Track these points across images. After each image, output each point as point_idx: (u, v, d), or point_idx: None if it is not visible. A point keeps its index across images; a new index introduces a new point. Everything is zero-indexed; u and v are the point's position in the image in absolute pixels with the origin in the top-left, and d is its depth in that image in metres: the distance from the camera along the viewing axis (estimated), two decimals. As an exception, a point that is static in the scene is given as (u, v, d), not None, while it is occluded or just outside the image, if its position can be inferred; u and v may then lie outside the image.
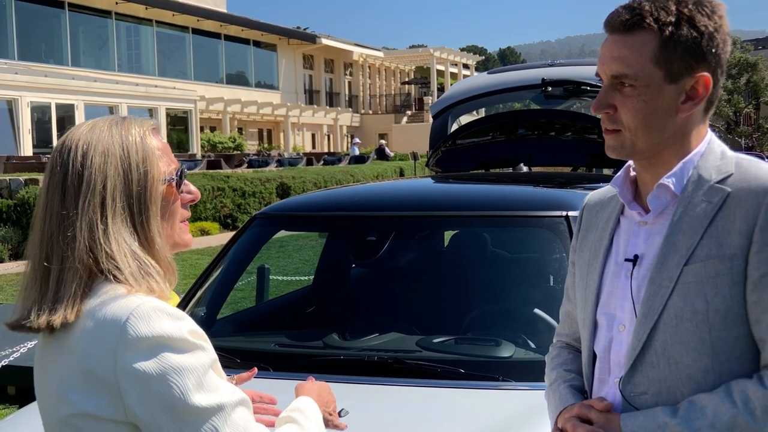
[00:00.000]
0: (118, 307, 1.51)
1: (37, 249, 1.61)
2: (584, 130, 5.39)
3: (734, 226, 1.67)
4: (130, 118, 1.71)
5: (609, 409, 1.80)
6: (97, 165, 1.59)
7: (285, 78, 47.01)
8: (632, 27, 1.73)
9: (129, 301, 1.52)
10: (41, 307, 1.55)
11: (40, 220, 1.61)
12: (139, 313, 1.49)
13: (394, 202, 4.14)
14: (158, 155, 1.67)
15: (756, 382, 1.64)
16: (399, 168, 29.87)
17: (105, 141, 1.62)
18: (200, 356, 1.52)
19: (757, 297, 1.65)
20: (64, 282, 1.55)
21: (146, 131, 1.68)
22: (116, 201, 1.59)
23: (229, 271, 4.06)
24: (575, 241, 2.08)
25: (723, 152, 1.80)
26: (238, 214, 20.60)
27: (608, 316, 1.87)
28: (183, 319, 1.55)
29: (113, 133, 1.64)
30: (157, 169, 1.65)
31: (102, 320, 1.51)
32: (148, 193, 1.63)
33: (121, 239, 1.58)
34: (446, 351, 3.18)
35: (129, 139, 1.64)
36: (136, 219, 1.61)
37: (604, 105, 1.78)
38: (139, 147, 1.64)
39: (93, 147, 1.61)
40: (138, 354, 1.47)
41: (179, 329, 1.51)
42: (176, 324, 1.52)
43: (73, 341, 1.53)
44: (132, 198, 1.61)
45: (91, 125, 1.67)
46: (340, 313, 4.02)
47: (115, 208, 1.59)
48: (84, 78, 29.96)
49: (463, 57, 60.08)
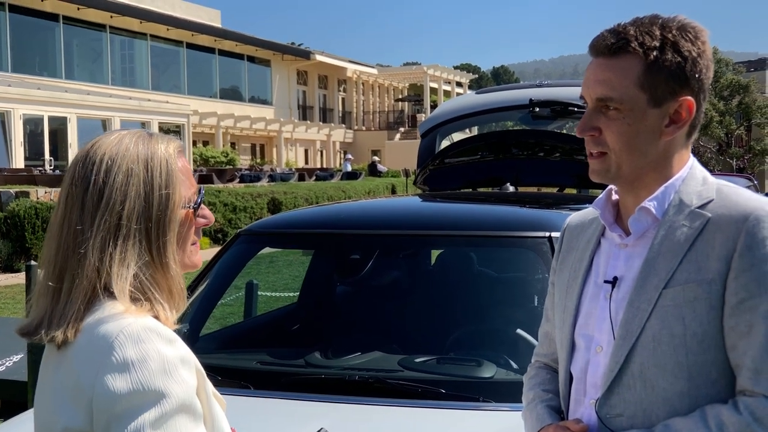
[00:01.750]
0: (111, 325, 1.49)
1: (52, 260, 1.58)
2: (572, 151, 5.41)
3: (713, 251, 1.68)
4: (158, 136, 1.67)
5: (584, 431, 1.81)
6: (119, 184, 1.56)
7: (279, 93, 47.05)
8: (617, 51, 1.75)
9: (122, 320, 1.49)
10: (50, 321, 1.54)
11: (57, 230, 1.59)
12: (128, 332, 1.47)
13: (378, 220, 4.15)
14: (181, 179, 1.64)
15: (731, 407, 1.65)
16: (391, 185, 29.90)
17: (130, 159, 1.59)
18: (175, 391, 1.47)
19: (734, 322, 1.66)
20: (72, 299, 1.54)
21: (172, 152, 1.65)
22: (132, 223, 1.56)
23: (213, 288, 4.05)
24: (555, 262, 2.10)
25: (704, 178, 1.81)
26: (228, 229, 20.55)
27: (586, 338, 1.88)
28: (174, 342, 1.51)
29: (139, 151, 1.60)
30: (179, 193, 1.63)
31: (95, 337, 1.49)
32: (168, 218, 1.60)
33: (130, 262, 1.55)
34: (428, 371, 3.17)
35: (154, 159, 1.61)
36: (153, 243, 1.58)
37: (589, 128, 1.79)
38: (163, 169, 1.61)
39: (117, 164, 1.58)
40: (116, 374, 1.44)
41: (165, 356, 1.47)
42: (165, 349, 1.48)
43: (69, 356, 1.52)
44: (151, 221, 1.58)
45: (118, 139, 1.63)
46: (323, 331, 4.01)
47: (130, 230, 1.56)
48: (77, 91, 29.93)
49: (456, 75, 60.24)
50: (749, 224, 1.66)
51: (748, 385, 1.65)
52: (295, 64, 48.17)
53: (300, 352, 3.46)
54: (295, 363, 3.39)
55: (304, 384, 3.14)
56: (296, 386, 3.10)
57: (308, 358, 3.35)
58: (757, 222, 1.66)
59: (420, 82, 57.38)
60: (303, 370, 3.28)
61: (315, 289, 4.76)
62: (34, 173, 22.22)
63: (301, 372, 3.27)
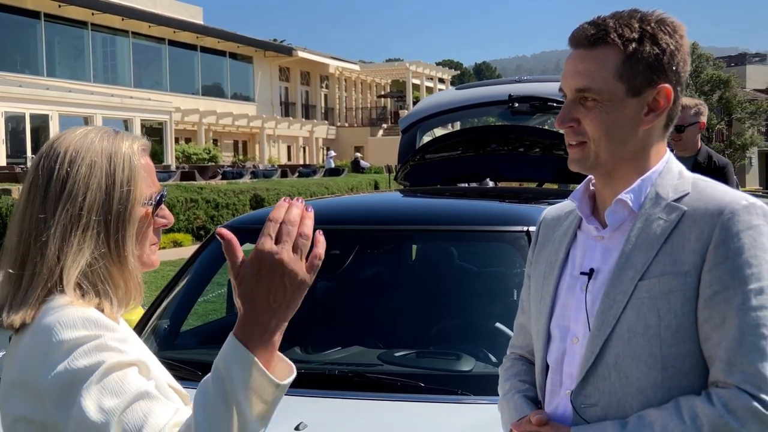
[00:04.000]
0: (52, 317, 1.51)
1: (14, 247, 1.60)
2: (551, 146, 5.43)
3: (689, 243, 1.71)
4: (123, 133, 1.69)
5: (543, 422, 1.84)
6: (82, 175, 1.59)
7: (261, 90, 46.91)
8: (596, 42, 1.78)
9: (61, 311, 1.51)
10: (11, 306, 1.56)
11: (20, 218, 1.61)
12: (65, 321, 1.49)
13: (358, 215, 4.15)
14: (143, 176, 1.66)
15: (704, 399, 1.67)
16: (374, 181, 29.87)
17: (94, 152, 1.61)
18: (112, 356, 1.48)
19: (708, 314, 1.68)
20: (33, 286, 1.56)
21: (136, 149, 1.67)
22: (92, 215, 1.58)
23: (193, 284, 4.05)
24: (531, 254, 2.11)
25: (680, 172, 1.84)
26: (211, 225, 20.52)
27: (562, 329, 1.90)
28: (116, 330, 1.53)
29: (104, 146, 1.63)
30: (140, 190, 1.64)
31: (37, 328, 1.51)
32: (128, 212, 1.62)
33: (86, 252, 1.57)
34: (407, 365, 3.18)
35: (118, 155, 1.63)
36: (111, 236, 1.60)
37: (568, 119, 1.81)
38: (126, 165, 1.63)
39: (81, 156, 1.60)
40: (56, 361, 1.46)
41: (102, 336, 1.49)
42: (102, 332, 1.50)
43: (18, 347, 1.55)
44: (110, 215, 1.60)
45: (84, 133, 1.65)
46: (303, 326, 4.01)
47: (90, 222, 1.58)
48: (59, 88, 29.78)
49: (438, 71, 60.20)
50: (724, 218, 1.69)
51: (721, 377, 1.66)
52: (278, 61, 48.02)
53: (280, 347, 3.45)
54: (275, 358, 3.39)
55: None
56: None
57: (288, 353, 3.33)
58: (732, 215, 1.69)
59: (402, 79, 57.33)
60: (283, 365, 3.28)
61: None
62: (15, 171, 22.11)
63: (281, 367, 3.27)
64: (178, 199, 20.09)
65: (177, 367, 3.23)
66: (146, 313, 3.77)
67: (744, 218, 1.69)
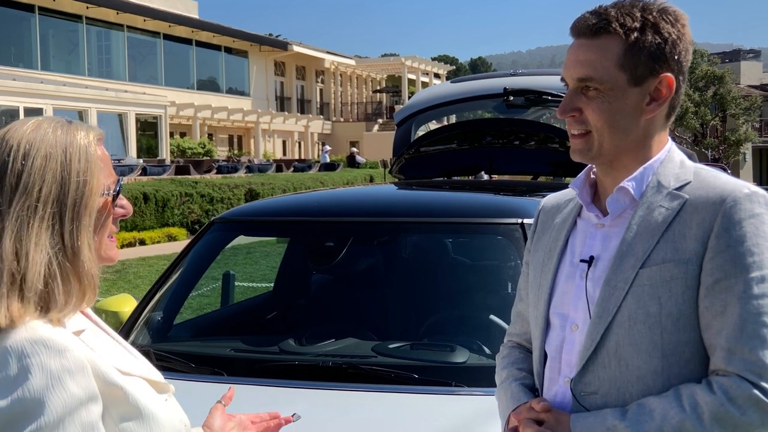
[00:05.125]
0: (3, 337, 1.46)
1: None
2: (546, 139, 5.43)
3: (690, 231, 1.71)
4: (77, 123, 1.65)
5: (547, 409, 1.82)
6: (37, 167, 1.55)
7: (256, 84, 46.85)
8: (598, 31, 1.77)
9: (13, 332, 1.46)
10: None
11: None
12: (13, 347, 1.45)
13: (352, 207, 4.15)
14: (100, 166, 1.62)
15: (705, 387, 1.67)
16: (369, 176, 29.88)
17: (48, 144, 1.57)
18: (54, 405, 1.44)
19: (709, 302, 1.68)
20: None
21: (92, 139, 1.63)
22: (47, 207, 1.54)
23: (186, 276, 4.03)
24: (530, 242, 2.11)
25: (682, 161, 1.84)
26: (205, 219, 20.49)
27: (561, 316, 1.89)
28: (64, 352, 1.48)
29: (58, 137, 1.59)
30: (97, 180, 1.61)
31: None
32: (83, 203, 1.58)
33: (45, 247, 1.52)
34: (401, 356, 3.18)
35: (73, 145, 1.59)
36: (65, 228, 1.55)
37: (570, 109, 1.81)
38: (82, 155, 1.59)
39: (36, 148, 1.55)
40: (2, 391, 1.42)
41: (50, 368, 1.44)
42: (51, 361, 1.45)
43: None
44: (65, 206, 1.56)
45: (36, 124, 1.60)
46: (297, 318, 4.01)
47: (45, 214, 1.53)
48: (53, 82, 29.70)
49: (434, 66, 60.19)
50: (726, 206, 1.69)
51: (721, 365, 1.66)
52: (273, 55, 47.97)
53: (274, 339, 3.45)
54: (269, 350, 3.39)
55: (278, 371, 3.14)
56: (270, 373, 3.10)
57: (282, 345, 3.35)
58: (735, 204, 1.69)
59: (398, 74, 57.31)
60: (277, 357, 3.28)
61: (290, 276, 4.75)
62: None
63: (274, 359, 3.27)
64: (173, 193, 20.08)
65: (170, 359, 3.23)
66: (139, 305, 3.76)
67: (746, 206, 1.69)
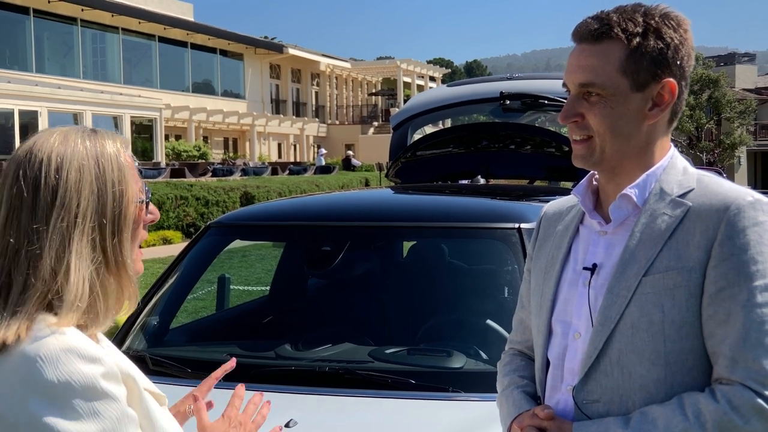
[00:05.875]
0: (31, 345, 1.42)
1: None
2: (542, 144, 5.43)
3: (694, 239, 1.70)
4: (102, 132, 1.61)
5: (551, 416, 1.81)
6: (73, 182, 1.50)
7: (251, 87, 46.84)
8: (600, 36, 1.77)
9: (42, 340, 1.43)
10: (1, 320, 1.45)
11: (1, 229, 1.51)
12: (47, 355, 1.41)
13: (348, 212, 4.14)
14: (132, 174, 1.59)
15: (708, 395, 1.66)
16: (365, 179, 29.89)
17: (80, 156, 1.52)
18: (106, 408, 1.43)
19: (713, 311, 1.67)
20: (25, 299, 1.46)
21: (120, 147, 1.59)
22: (87, 221, 1.49)
23: (183, 281, 4.02)
24: (532, 249, 2.10)
25: (685, 168, 1.83)
26: (201, 223, 20.48)
27: (564, 324, 1.88)
28: (98, 360, 1.45)
29: (87, 147, 1.54)
30: (132, 189, 1.57)
31: (15, 357, 1.43)
32: (122, 214, 1.54)
33: (87, 262, 1.49)
34: (398, 362, 3.17)
35: (104, 155, 1.55)
36: (108, 241, 1.52)
37: (572, 114, 1.80)
38: (115, 164, 1.55)
39: (68, 161, 1.51)
40: (40, 400, 1.39)
41: (89, 375, 1.42)
42: (87, 368, 1.42)
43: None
44: (105, 219, 1.52)
45: (63, 136, 1.55)
46: (294, 323, 4.00)
47: (85, 229, 1.49)
48: (48, 84, 29.65)
49: (429, 69, 60.22)
50: (730, 214, 1.68)
51: (725, 373, 1.65)
52: (268, 58, 47.94)
53: (270, 344, 3.45)
54: (265, 355, 3.38)
55: (274, 376, 3.12)
56: (266, 378, 3.08)
57: (278, 350, 3.34)
58: (738, 212, 1.68)
59: (393, 77, 57.36)
60: (273, 362, 3.27)
61: (286, 281, 4.75)
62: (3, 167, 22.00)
63: (271, 364, 3.26)
64: (168, 196, 20.06)
65: (166, 365, 3.21)
66: (135, 310, 3.75)
67: (750, 214, 1.68)
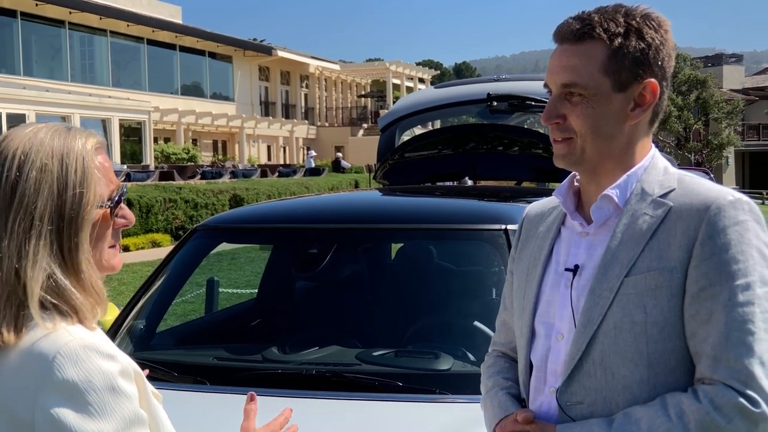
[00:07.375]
0: (46, 343, 1.41)
1: None
2: (529, 145, 5.43)
3: (675, 239, 1.70)
4: (76, 130, 1.58)
5: (529, 420, 1.82)
6: (33, 180, 1.48)
7: (240, 89, 46.77)
8: (582, 37, 1.77)
9: (57, 337, 1.41)
10: None
11: None
12: (66, 352, 1.39)
13: (336, 214, 4.13)
14: (97, 177, 1.55)
15: (691, 395, 1.66)
16: (354, 180, 29.87)
17: (44, 154, 1.50)
18: (121, 407, 1.42)
19: (695, 310, 1.67)
20: None
21: (90, 148, 1.56)
22: (44, 223, 1.47)
23: (169, 284, 4.00)
24: (514, 251, 2.10)
25: (666, 168, 1.83)
26: (190, 225, 20.43)
27: (546, 325, 1.88)
28: (114, 357, 1.44)
29: (54, 146, 1.51)
30: (94, 192, 1.53)
31: (27, 355, 1.41)
32: (80, 217, 1.51)
33: (43, 264, 1.46)
34: (385, 364, 3.17)
35: (70, 155, 1.52)
36: (65, 244, 1.49)
37: (554, 115, 1.80)
38: (79, 166, 1.52)
39: (30, 159, 1.49)
40: (59, 397, 1.37)
41: (108, 373, 1.41)
42: (106, 365, 1.41)
43: None
44: (63, 221, 1.49)
45: (34, 132, 1.53)
46: (281, 326, 3.99)
47: (42, 230, 1.47)
48: (36, 88, 29.58)
49: (418, 71, 60.27)
50: (711, 213, 1.68)
51: (707, 373, 1.65)
52: (257, 60, 47.89)
53: (257, 348, 3.44)
54: (251, 358, 3.37)
55: (261, 379, 3.11)
56: (253, 381, 3.07)
57: (265, 353, 3.33)
58: (719, 211, 1.68)
59: (383, 79, 57.37)
60: (260, 365, 3.26)
61: (273, 284, 4.74)
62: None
63: (257, 367, 3.25)
64: (156, 198, 20.01)
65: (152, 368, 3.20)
66: (121, 314, 3.73)
67: (730, 214, 1.68)
